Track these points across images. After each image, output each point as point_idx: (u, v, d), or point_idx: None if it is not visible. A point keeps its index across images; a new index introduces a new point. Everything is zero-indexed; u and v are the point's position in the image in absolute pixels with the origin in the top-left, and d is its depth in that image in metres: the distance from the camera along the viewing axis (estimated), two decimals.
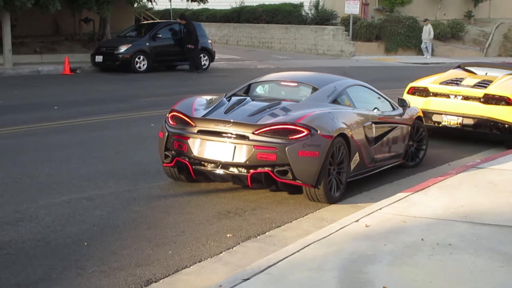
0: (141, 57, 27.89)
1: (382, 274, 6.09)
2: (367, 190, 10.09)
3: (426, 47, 42.80)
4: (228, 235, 7.73)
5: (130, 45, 27.87)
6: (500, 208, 8.47)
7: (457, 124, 14.04)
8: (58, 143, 12.60)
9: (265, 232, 7.92)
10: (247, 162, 8.75)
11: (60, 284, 6.20)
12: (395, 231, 7.39)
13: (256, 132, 8.75)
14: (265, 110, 9.23)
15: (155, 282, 6.38)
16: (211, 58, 30.29)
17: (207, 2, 35.66)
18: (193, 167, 9.17)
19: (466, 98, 14.02)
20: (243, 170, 8.84)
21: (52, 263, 6.69)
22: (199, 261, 6.92)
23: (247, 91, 10.73)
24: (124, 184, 9.74)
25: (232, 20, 50.12)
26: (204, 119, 9.18)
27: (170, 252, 7.11)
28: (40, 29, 32.59)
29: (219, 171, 8.97)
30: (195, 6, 42.12)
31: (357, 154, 9.65)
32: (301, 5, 45.52)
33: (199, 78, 26.30)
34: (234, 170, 8.90)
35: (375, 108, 10.80)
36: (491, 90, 13.87)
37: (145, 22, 36.86)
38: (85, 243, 7.24)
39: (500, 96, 13.71)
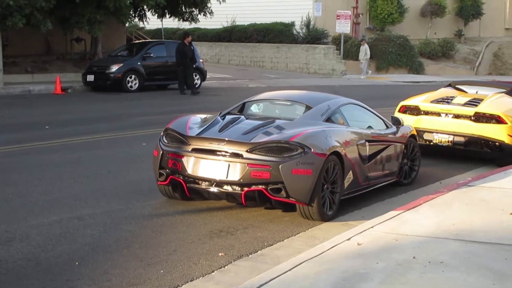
0: (133, 76, 27.93)
1: None
2: (359, 209, 10.10)
3: (362, 67, 41.89)
4: (220, 254, 7.71)
5: (122, 64, 27.92)
6: (491, 226, 8.48)
7: (448, 142, 14.08)
8: (49, 162, 12.58)
9: (257, 251, 7.90)
10: (241, 180, 8.80)
11: None
12: (387, 249, 7.39)
13: (250, 150, 8.81)
14: (259, 128, 9.31)
15: None
16: (203, 77, 30.31)
17: (199, 21, 35.74)
18: (188, 185, 9.22)
19: (457, 116, 14.08)
20: (237, 188, 8.89)
21: (43, 283, 6.66)
22: (191, 280, 6.90)
23: (242, 109, 10.80)
24: (115, 203, 9.72)
25: (224, 39, 50.23)
26: (198, 137, 9.25)
27: (162, 271, 7.09)
28: (32, 48, 32.59)
29: (213, 189, 9.02)
30: (186, 25, 42.29)
31: (350, 172, 9.68)
32: (292, 24, 45.67)
33: (191, 97, 26.33)
34: (228, 188, 8.94)
35: (369, 126, 10.90)
36: (482, 108, 13.93)
37: (137, 41, 36.92)
38: (76, 263, 7.22)
39: (490, 115, 13.77)
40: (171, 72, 28.96)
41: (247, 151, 8.82)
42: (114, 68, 27.70)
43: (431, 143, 14.24)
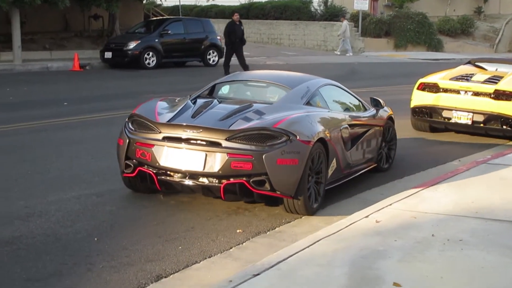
0: (150, 53, 27.94)
1: (392, 270, 6.07)
2: (377, 186, 10.07)
3: (343, 44, 41.13)
4: (238, 231, 7.72)
5: (139, 41, 27.94)
6: (511, 204, 8.43)
7: (467, 119, 13.98)
8: (68, 139, 12.62)
9: (275, 228, 7.90)
10: (220, 172, 7.96)
11: (70, 279, 6.20)
12: (406, 227, 7.37)
13: (229, 139, 7.97)
14: (236, 113, 8.46)
15: (165, 277, 6.37)
16: (220, 54, 30.29)
17: None
18: (158, 177, 8.34)
19: (476, 94, 13.96)
20: (215, 181, 8.07)
21: (62, 258, 6.69)
22: (209, 257, 6.92)
23: (212, 92, 9.96)
24: None
25: (241, 17, 49.78)
26: (170, 124, 8.35)
27: (180, 247, 7.10)
28: (50, 25, 32.64)
29: (188, 181, 8.18)
30: (203, 2, 42.26)
31: (334, 160, 8.97)
32: (310, 1, 45.55)
33: (208, 74, 26.28)
34: (204, 180, 8.14)
35: (347, 108, 10.27)
36: (502, 85, 13.80)
37: (154, 18, 36.88)
38: (95, 239, 7.24)
39: (510, 92, 13.65)
40: (189, 49, 29.02)
41: (226, 139, 7.96)
42: (132, 45, 27.73)
43: (450, 121, 14.15)
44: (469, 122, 13.94)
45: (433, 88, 14.54)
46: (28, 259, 6.64)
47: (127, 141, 8.56)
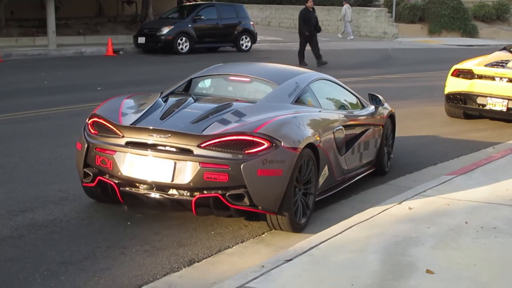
0: (183, 38, 28.01)
1: (425, 257, 6.05)
2: (410, 173, 10.02)
3: (345, 28, 41.32)
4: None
5: (173, 26, 28.00)
6: None
7: (502, 106, 13.84)
8: None
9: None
10: (191, 184, 6.80)
11: (104, 262, 6.26)
12: (439, 214, 7.33)
13: (203, 145, 6.81)
14: (212, 114, 7.31)
15: (198, 262, 6.41)
16: (253, 39, 30.32)
17: None
18: (121, 189, 7.18)
19: (511, 80, 13.81)
20: (186, 193, 6.96)
21: (96, 242, 6.75)
22: (242, 242, 6.94)
23: (188, 88, 8.89)
24: None
25: (274, 2, 50.03)
26: (134, 127, 7.15)
27: (212, 232, 7.13)
28: (83, 10, 32.84)
29: (155, 194, 7.03)
30: None
31: (326, 167, 7.89)
32: None
33: (240, 59, 26.26)
34: (174, 193, 7.01)
35: (342, 106, 9.20)
36: None
37: (188, 3, 36.91)
38: (128, 223, 7.29)
39: None
40: (222, 34, 29.06)
41: (198, 145, 6.81)
42: (165, 30, 27.81)
43: (485, 108, 14.02)
44: (504, 109, 13.79)
45: (468, 74, 14.40)
46: (63, 242, 6.70)
47: (86, 146, 7.42)
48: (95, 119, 7.53)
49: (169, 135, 6.91)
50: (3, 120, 12.83)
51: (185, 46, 28.03)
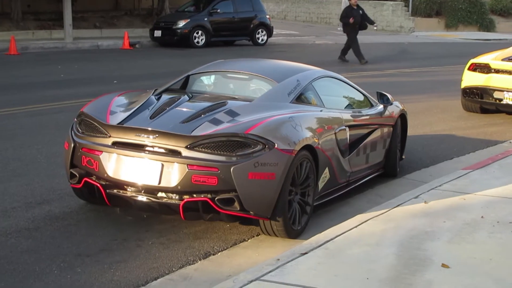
0: (200, 32, 28.02)
1: (441, 251, 6.04)
2: (426, 167, 10.00)
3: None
4: None
5: (189, 20, 28.02)
6: None
7: None
8: None
9: (323, 208, 7.89)
10: (179, 187, 6.47)
11: (120, 254, 6.29)
12: (455, 208, 7.32)
13: (191, 146, 6.47)
14: (204, 114, 6.95)
15: (213, 255, 6.43)
16: (269, 33, 30.30)
17: None
18: (107, 191, 6.84)
19: None
20: (175, 197, 6.61)
21: (112, 234, 6.79)
22: (257, 235, 6.95)
23: (185, 85, 8.60)
24: None
25: None
26: (121, 127, 6.83)
27: (228, 225, 7.14)
28: (100, 4, 32.92)
29: (142, 197, 6.68)
30: None
31: (326, 170, 7.50)
32: None
33: (256, 53, 26.28)
34: (163, 195, 6.66)
35: (349, 105, 8.85)
36: None
37: None
38: (144, 215, 7.31)
39: None
40: (238, 28, 29.05)
41: (186, 147, 6.47)
42: (181, 23, 27.83)
43: (501, 102, 13.96)
44: None
45: (485, 68, 14.34)
46: (79, 235, 6.75)
47: (72, 145, 7.12)
48: (82, 117, 7.25)
49: (157, 135, 6.59)
50: (20, 113, 12.91)
51: (201, 40, 28.05)
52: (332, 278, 5.41)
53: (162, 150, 6.55)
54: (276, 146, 6.51)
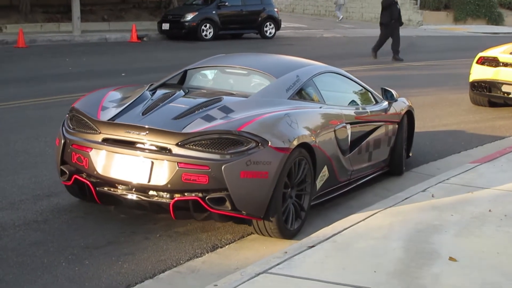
0: (208, 25, 28.01)
1: (448, 245, 6.04)
2: (434, 160, 10.00)
3: (336, 10, 43.34)
4: None
5: (197, 13, 28.00)
6: None
7: None
8: None
9: (331, 201, 7.90)
10: (169, 186, 6.30)
11: (128, 247, 6.31)
12: (462, 202, 7.31)
13: (181, 144, 6.28)
14: (197, 110, 6.74)
15: (221, 247, 6.44)
16: (277, 26, 30.28)
17: None
18: (97, 189, 6.71)
19: None
20: (165, 195, 6.46)
21: (120, 226, 6.81)
22: None
23: (182, 80, 8.38)
24: None
25: None
26: (111, 123, 6.65)
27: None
28: None
29: (132, 196, 6.53)
30: None
31: (325, 168, 7.30)
32: None
33: (264, 46, 26.28)
34: (153, 194, 6.51)
35: (352, 101, 8.51)
36: None
37: None
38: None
39: None
40: (246, 21, 29.04)
41: (177, 144, 6.28)
42: (189, 16, 27.82)
43: (509, 96, 13.92)
44: None
45: (493, 62, 14.30)
46: (87, 227, 6.77)
47: (63, 142, 6.96)
48: (73, 113, 7.08)
49: (147, 132, 6.40)
50: (29, 106, 12.94)
51: (209, 33, 28.05)
52: (340, 271, 5.42)
53: (153, 147, 6.39)
54: (269, 144, 6.32)
